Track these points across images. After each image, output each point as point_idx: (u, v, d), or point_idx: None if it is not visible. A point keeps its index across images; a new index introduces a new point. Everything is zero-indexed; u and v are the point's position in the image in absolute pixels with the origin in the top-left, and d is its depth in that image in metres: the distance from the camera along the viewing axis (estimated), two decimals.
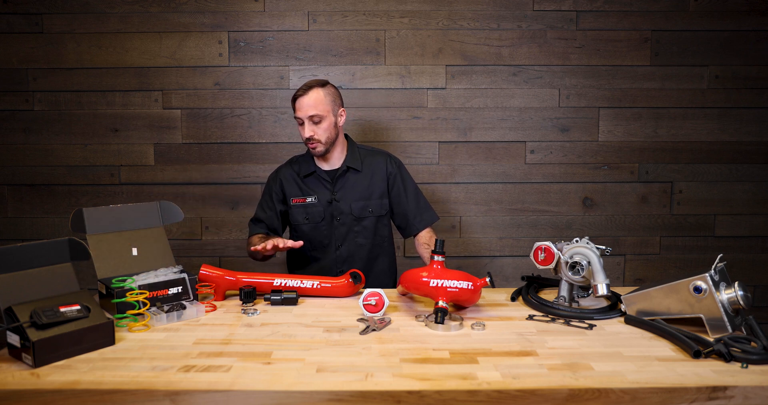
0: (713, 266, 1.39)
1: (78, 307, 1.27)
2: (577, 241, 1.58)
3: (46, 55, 2.58)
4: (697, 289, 1.35)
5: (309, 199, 2.02)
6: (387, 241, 2.11)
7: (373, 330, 1.42)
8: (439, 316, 1.43)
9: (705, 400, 1.10)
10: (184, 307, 1.50)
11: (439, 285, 1.48)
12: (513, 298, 1.69)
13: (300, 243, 1.80)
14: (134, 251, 1.65)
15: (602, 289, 1.49)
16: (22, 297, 1.25)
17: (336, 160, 2.04)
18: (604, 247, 1.58)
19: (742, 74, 2.62)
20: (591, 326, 1.45)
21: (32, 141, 2.62)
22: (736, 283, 1.36)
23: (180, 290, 1.59)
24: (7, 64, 2.58)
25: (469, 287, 1.49)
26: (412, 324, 1.48)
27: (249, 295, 1.64)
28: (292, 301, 1.64)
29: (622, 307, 1.52)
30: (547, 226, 2.71)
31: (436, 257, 1.54)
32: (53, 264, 1.34)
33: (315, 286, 1.69)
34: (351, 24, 2.59)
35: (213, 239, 2.69)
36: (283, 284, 1.69)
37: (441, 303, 1.46)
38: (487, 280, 1.52)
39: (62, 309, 1.24)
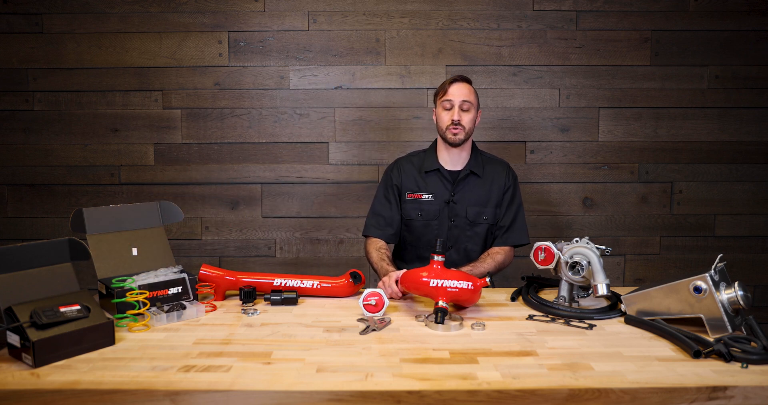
0: (713, 266, 1.39)
1: (78, 307, 1.27)
2: (577, 241, 1.58)
3: (46, 55, 2.58)
4: (697, 289, 1.35)
5: (425, 196, 2.01)
6: None
7: (373, 330, 1.42)
8: (439, 316, 1.43)
9: (705, 400, 1.10)
10: (184, 307, 1.50)
11: (439, 285, 1.48)
12: (513, 298, 1.69)
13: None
14: (134, 251, 1.65)
15: (602, 289, 1.49)
16: (22, 297, 1.25)
17: (459, 160, 2.03)
18: (604, 247, 1.58)
19: (742, 74, 2.62)
20: (591, 326, 1.45)
21: (32, 141, 2.62)
22: (736, 283, 1.36)
23: (180, 290, 1.59)
24: (7, 64, 2.58)
25: (469, 287, 1.49)
26: (412, 324, 1.48)
27: (249, 295, 1.64)
28: (292, 301, 1.64)
29: (622, 307, 1.51)
30: (547, 226, 2.70)
31: (435, 257, 1.54)
32: (53, 264, 1.34)
33: (315, 286, 1.69)
34: (351, 24, 2.59)
35: (213, 239, 2.69)
36: (283, 284, 1.69)
37: (441, 303, 1.46)
38: (487, 280, 1.52)
39: (62, 309, 1.24)
